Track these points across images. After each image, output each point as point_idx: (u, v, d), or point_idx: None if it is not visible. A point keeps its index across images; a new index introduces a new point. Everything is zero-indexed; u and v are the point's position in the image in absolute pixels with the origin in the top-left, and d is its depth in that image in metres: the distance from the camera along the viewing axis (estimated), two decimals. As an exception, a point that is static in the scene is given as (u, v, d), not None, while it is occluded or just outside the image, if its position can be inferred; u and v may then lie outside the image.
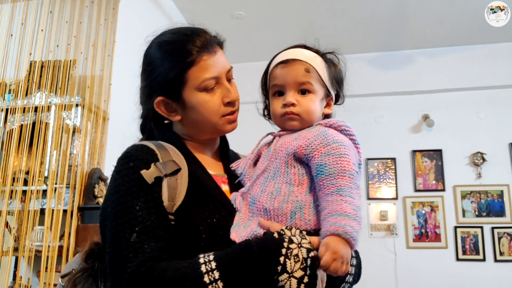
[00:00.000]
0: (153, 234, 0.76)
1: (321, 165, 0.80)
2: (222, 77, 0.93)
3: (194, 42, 0.90)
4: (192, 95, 0.91)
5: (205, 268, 0.70)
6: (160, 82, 0.92)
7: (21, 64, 2.59)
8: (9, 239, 2.39)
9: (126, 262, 0.73)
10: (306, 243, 0.73)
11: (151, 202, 0.79)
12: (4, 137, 2.50)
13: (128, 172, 0.82)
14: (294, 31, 3.99)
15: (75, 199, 2.35)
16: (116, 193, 0.81)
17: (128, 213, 0.78)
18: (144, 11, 3.25)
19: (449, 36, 4.10)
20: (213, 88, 0.91)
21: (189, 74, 0.89)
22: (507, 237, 3.95)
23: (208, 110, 0.92)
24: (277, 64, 0.93)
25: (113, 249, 0.76)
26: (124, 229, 0.76)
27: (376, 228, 4.14)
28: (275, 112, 0.92)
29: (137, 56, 1.06)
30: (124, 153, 0.87)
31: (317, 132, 0.85)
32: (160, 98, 0.93)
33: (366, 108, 4.39)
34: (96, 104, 2.57)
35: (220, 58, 0.93)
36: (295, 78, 0.90)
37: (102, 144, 2.60)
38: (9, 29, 2.65)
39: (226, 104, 0.93)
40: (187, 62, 0.89)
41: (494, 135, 4.12)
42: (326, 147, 0.82)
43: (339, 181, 0.77)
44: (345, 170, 0.78)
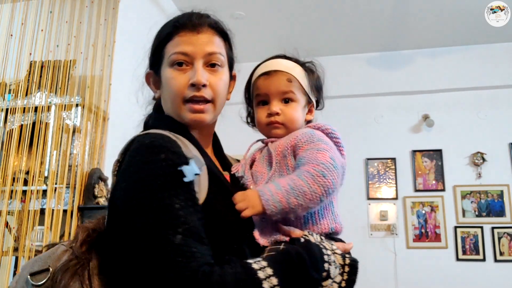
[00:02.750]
0: (197, 237, 0.70)
1: (300, 158, 0.85)
2: (195, 57, 0.85)
3: (180, 19, 0.89)
4: (165, 70, 0.88)
5: (263, 274, 0.68)
6: (150, 57, 0.94)
7: (21, 64, 2.59)
8: (9, 239, 2.39)
9: (177, 267, 0.66)
10: (336, 249, 0.79)
11: (190, 201, 0.73)
12: (4, 137, 2.49)
13: (161, 164, 0.73)
14: (294, 31, 3.99)
15: (75, 199, 2.35)
16: (147, 186, 0.72)
17: (168, 211, 0.70)
18: (144, 11, 3.25)
19: (449, 36, 4.10)
20: (183, 67, 0.85)
21: (165, 49, 0.88)
22: (507, 237, 3.95)
23: (172, 89, 0.85)
24: (259, 76, 0.97)
25: (154, 251, 0.68)
26: (165, 230, 0.68)
27: (376, 228, 4.14)
28: (260, 121, 0.97)
29: (137, 56, 1.06)
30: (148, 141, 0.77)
31: (305, 131, 0.91)
32: (149, 71, 0.94)
33: (366, 108, 4.39)
34: (96, 104, 2.57)
35: (202, 39, 0.87)
36: (277, 88, 0.95)
37: (102, 144, 2.60)
38: (9, 29, 2.65)
39: (190, 86, 0.85)
40: (165, 36, 0.88)
41: (494, 135, 4.12)
42: (310, 144, 0.87)
43: (304, 167, 0.83)
44: (316, 159, 0.83)
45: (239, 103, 1.07)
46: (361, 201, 4.24)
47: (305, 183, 0.79)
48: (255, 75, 0.99)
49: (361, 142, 4.32)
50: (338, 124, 1.25)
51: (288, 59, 1.00)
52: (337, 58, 4.42)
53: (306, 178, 0.80)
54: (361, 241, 4.06)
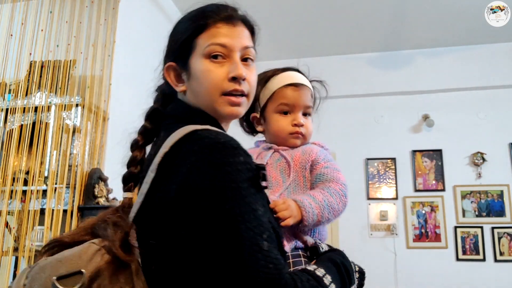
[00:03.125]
0: (276, 244, 0.69)
1: (321, 174, 0.96)
2: (233, 50, 0.82)
3: (214, 10, 0.85)
4: (197, 61, 0.82)
5: (327, 281, 0.74)
6: (172, 47, 0.88)
7: (21, 64, 2.59)
8: (9, 239, 2.39)
9: (269, 273, 0.63)
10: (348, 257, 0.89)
11: (265, 207, 0.71)
12: (4, 137, 2.49)
13: (242, 167, 0.69)
14: (294, 31, 3.99)
15: (75, 199, 2.35)
16: (234, 190, 0.67)
17: (255, 217, 0.67)
18: (144, 11, 3.25)
19: (449, 36, 4.10)
20: (220, 60, 0.82)
21: (198, 40, 0.83)
22: (507, 237, 3.95)
23: (209, 81, 0.81)
24: (287, 85, 1.03)
25: (246, 256, 0.64)
26: (255, 235, 0.65)
27: (376, 228, 4.14)
28: (284, 128, 1.02)
29: (137, 56, 1.05)
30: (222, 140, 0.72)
31: (320, 150, 1.02)
32: (170, 63, 0.86)
33: (366, 108, 4.39)
34: (96, 104, 2.57)
35: (238, 32, 0.84)
36: (304, 101, 1.03)
37: (102, 144, 2.60)
38: (9, 29, 2.65)
39: (231, 79, 0.81)
40: (199, 26, 0.83)
41: (494, 135, 4.12)
42: (327, 162, 0.99)
43: (330, 184, 0.95)
44: (339, 179, 0.96)
45: None
46: (361, 201, 4.24)
47: (335, 201, 0.92)
48: (280, 83, 1.03)
49: (361, 142, 4.32)
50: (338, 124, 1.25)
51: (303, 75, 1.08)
52: (337, 58, 4.42)
53: (336, 196, 0.92)
54: (361, 241, 4.06)
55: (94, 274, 0.66)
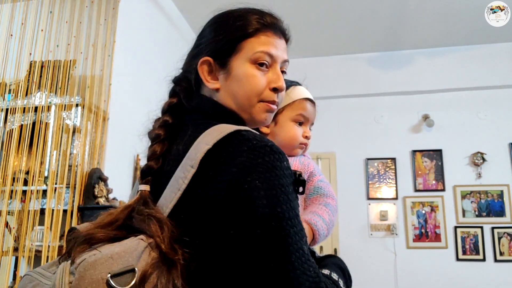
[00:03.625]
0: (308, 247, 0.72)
1: (317, 187, 1.05)
2: (277, 61, 0.85)
3: (263, 17, 0.86)
4: (240, 64, 0.83)
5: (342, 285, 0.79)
6: (212, 43, 0.85)
7: (21, 64, 2.58)
8: (9, 239, 2.39)
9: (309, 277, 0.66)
10: None
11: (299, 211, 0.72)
12: (4, 137, 2.49)
13: (288, 172, 0.72)
14: (294, 31, 3.99)
15: (75, 199, 2.35)
16: (284, 193, 0.69)
17: (299, 222, 0.69)
18: (144, 11, 3.25)
19: (449, 36, 4.10)
20: (264, 67, 0.84)
21: (245, 43, 0.83)
22: (507, 237, 3.95)
23: (251, 86, 0.82)
24: (306, 99, 1.12)
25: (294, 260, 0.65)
26: (300, 239, 0.68)
27: (376, 228, 4.14)
28: (296, 137, 1.10)
29: (137, 56, 1.05)
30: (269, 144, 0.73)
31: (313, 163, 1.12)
32: (207, 57, 0.84)
33: (366, 108, 4.39)
34: (96, 104, 2.57)
35: (283, 45, 0.88)
36: (314, 118, 1.14)
37: (102, 144, 2.60)
38: (9, 29, 2.65)
39: (272, 89, 0.84)
40: (248, 32, 0.83)
41: (494, 135, 4.12)
42: (320, 175, 1.09)
43: (328, 200, 1.04)
44: (333, 195, 1.06)
45: None
46: (361, 201, 4.24)
47: (334, 218, 1.01)
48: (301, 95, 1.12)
49: (361, 142, 4.32)
50: (338, 124, 1.25)
51: None
52: (337, 58, 4.42)
53: (335, 213, 1.02)
54: (361, 241, 4.06)
55: (146, 272, 0.63)
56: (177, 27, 3.65)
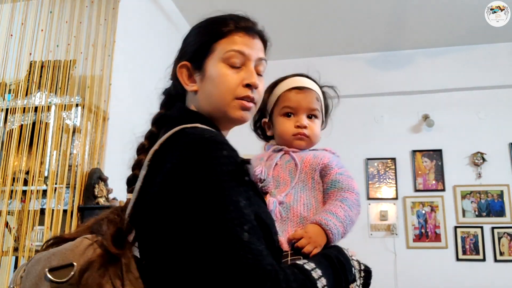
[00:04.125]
0: (260, 236, 0.70)
1: (335, 181, 0.98)
2: (250, 59, 0.88)
3: (236, 20, 0.91)
4: (213, 64, 0.87)
5: (316, 275, 0.74)
6: (189, 48, 0.92)
7: (21, 64, 2.58)
8: (9, 239, 2.39)
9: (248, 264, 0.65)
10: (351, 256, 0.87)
11: (249, 200, 0.73)
12: (4, 137, 2.49)
13: (225, 161, 0.72)
14: (293, 31, 4.00)
15: (75, 199, 2.35)
16: (215, 182, 0.69)
17: (235, 209, 0.68)
18: (144, 11, 3.25)
19: (449, 36, 4.10)
20: (236, 65, 0.87)
21: (217, 44, 0.88)
22: (507, 237, 3.95)
23: (225, 84, 0.85)
24: (290, 89, 1.07)
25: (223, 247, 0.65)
26: (234, 226, 0.67)
27: (376, 228, 4.14)
28: (287, 130, 1.05)
29: (137, 56, 1.06)
30: (207, 136, 0.76)
31: (332, 156, 1.04)
32: (184, 62, 0.90)
33: (366, 108, 4.39)
34: (96, 104, 2.57)
35: (257, 44, 0.91)
36: (308, 104, 1.06)
37: (102, 144, 2.60)
38: (9, 29, 2.65)
39: (245, 85, 0.86)
40: (219, 32, 0.88)
41: (494, 135, 4.12)
42: (340, 168, 1.01)
43: (346, 194, 0.96)
44: (353, 188, 0.98)
45: None
46: (361, 201, 4.23)
47: (353, 214, 0.95)
48: (283, 87, 1.08)
49: (361, 142, 4.32)
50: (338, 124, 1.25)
51: (312, 80, 1.12)
52: (337, 58, 4.42)
53: (354, 208, 0.95)
54: (361, 241, 4.05)
55: (85, 266, 0.68)
56: (177, 27, 3.65)
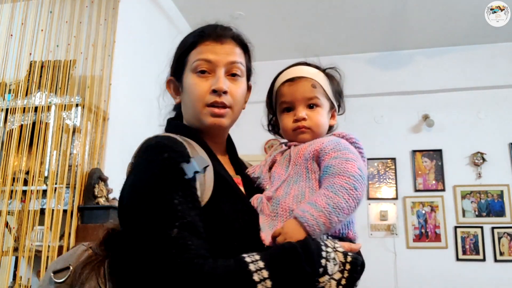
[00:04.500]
0: (194, 231, 0.74)
1: (328, 166, 0.87)
2: (218, 65, 0.90)
3: (204, 30, 0.94)
4: (187, 76, 0.93)
5: (254, 267, 0.70)
6: (171, 63, 0.98)
7: (21, 64, 2.59)
8: (9, 239, 2.39)
9: (171, 258, 0.70)
10: (339, 247, 0.78)
11: (189, 197, 0.77)
12: (4, 137, 2.49)
13: (164, 163, 0.79)
14: (293, 31, 4.00)
15: (75, 199, 2.35)
16: (150, 184, 0.77)
17: (167, 206, 0.74)
18: (144, 11, 3.25)
19: (449, 36, 4.10)
20: (206, 74, 0.90)
21: (189, 56, 0.93)
22: (507, 237, 3.95)
23: (194, 93, 0.90)
24: (283, 82, 0.99)
25: (151, 244, 0.72)
26: (163, 223, 0.73)
27: (376, 228, 4.14)
28: (286, 126, 0.98)
29: (137, 56, 1.07)
30: (153, 142, 0.84)
31: (331, 139, 0.93)
32: (170, 77, 0.98)
33: (366, 108, 4.39)
34: (96, 104, 2.57)
35: (225, 49, 0.92)
36: (303, 94, 0.97)
37: (102, 144, 2.60)
38: (9, 29, 2.65)
39: (211, 92, 0.89)
40: (190, 44, 0.93)
41: (494, 135, 4.12)
42: (336, 152, 0.88)
43: (335, 180, 0.84)
44: (347, 171, 0.84)
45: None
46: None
47: (342, 199, 0.81)
48: (279, 82, 1.01)
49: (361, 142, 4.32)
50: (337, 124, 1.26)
51: (310, 66, 1.02)
52: (337, 58, 4.40)
53: (342, 193, 0.81)
54: (361, 241, 4.04)
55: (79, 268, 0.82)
56: (177, 27, 3.65)
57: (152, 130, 0.94)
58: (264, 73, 1.05)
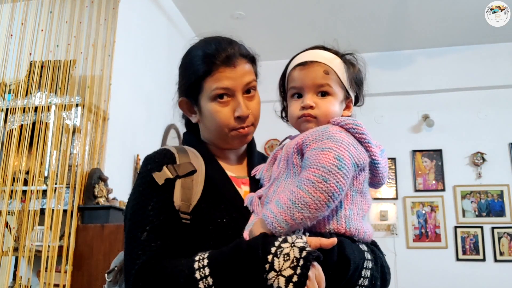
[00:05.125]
0: (161, 233, 0.82)
1: (305, 159, 0.81)
2: (236, 90, 0.93)
3: (217, 53, 0.93)
4: (205, 103, 0.95)
5: (198, 265, 0.75)
6: (183, 85, 1.00)
7: (21, 64, 2.59)
8: (9, 239, 2.39)
9: (135, 259, 0.80)
10: (301, 242, 0.72)
11: (161, 202, 0.86)
12: (4, 137, 2.49)
13: (145, 174, 0.89)
14: (293, 31, 4.00)
15: (75, 199, 2.35)
16: (134, 194, 0.90)
17: (142, 213, 0.85)
18: (144, 11, 3.25)
19: (449, 36, 4.10)
20: (225, 99, 0.93)
21: (205, 83, 0.93)
22: (507, 237, 3.95)
23: (218, 121, 0.94)
24: (295, 66, 0.92)
25: (127, 247, 0.84)
26: (137, 228, 0.84)
27: (376, 228, 4.14)
28: (292, 114, 0.92)
29: (137, 56, 1.07)
30: (146, 156, 0.94)
31: (317, 129, 0.85)
32: (182, 98, 1.01)
33: (366, 108, 4.37)
34: (96, 104, 2.57)
35: (239, 71, 0.93)
36: (313, 80, 0.89)
37: (102, 144, 2.60)
38: (9, 29, 2.65)
39: (236, 118, 0.93)
40: (205, 72, 0.93)
41: (494, 135, 4.12)
42: (317, 142, 0.81)
43: (304, 173, 0.77)
44: (318, 162, 0.76)
45: None
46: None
47: (306, 194, 0.74)
48: (291, 66, 0.93)
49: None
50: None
51: (327, 50, 0.93)
52: (337, 58, 4.42)
53: (307, 187, 0.75)
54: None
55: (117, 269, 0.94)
56: (177, 27, 3.65)
57: (152, 130, 0.95)
58: (264, 73, 1.05)
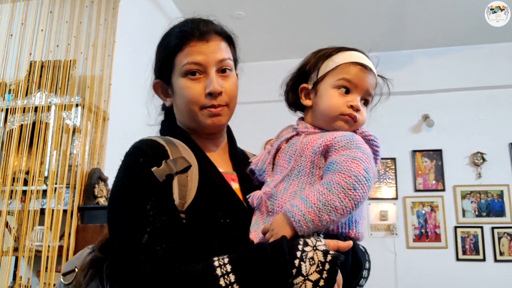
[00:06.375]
0: (164, 236, 0.74)
1: (331, 163, 0.80)
2: (208, 66, 0.88)
3: (186, 28, 0.91)
4: (177, 80, 0.90)
5: (221, 271, 0.68)
6: (156, 65, 0.96)
7: (21, 64, 2.59)
8: (9, 239, 2.39)
9: (139, 264, 0.71)
10: (322, 245, 0.72)
11: (162, 201, 0.77)
12: (4, 137, 2.50)
13: (138, 168, 0.79)
14: (293, 31, 3.99)
15: (75, 199, 2.35)
16: (125, 190, 0.79)
17: (139, 212, 0.75)
18: (144, 11, 3.25)
19: (449, 36, 4.10)
20: (197, 76, 0.88)
21: (176, 58, 0.90)
22: (507, 237, 3.95)
23: (188, 97, 0.89)
24: (355, 63, 0.93)
25: (124, 250, 0.74)
26: (134, 230, 0.74)
27: (376, 228, 4.14)
28: (336, 106, 0.89)
29: (137, 56, 1.07)
30: (132, 147, 0.84)
31: (345, 134, 0.85)
32: (156, 80, 0.96)
33: (366, 108, 4.39)
34: (96, 104, 2.57)
35: (212, 46, 0.89)
36: (369, 87, 0.93)
37: (102, 144, 2.60)
38: (9, 29, 2.65)
39: (207, 95, 0.88)
40: (175, 47, 0.90)
41: (494, 135, 4.12)
42: (346, 150, 0.82)
43: (334, 177, 0.77)
44: (349, 169, 0.78)
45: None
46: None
47: (336, 198, 0.75)
48: (347, 59, 0.93)
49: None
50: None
51: None
52: (337, 58, 4.42)
53: (337, 192, 0.75)
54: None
55: (83, 270, 0.86)
56: (177, 27, 3.65)
57: (152, 130, 0.94)
58: (264, 73, 1.05)
